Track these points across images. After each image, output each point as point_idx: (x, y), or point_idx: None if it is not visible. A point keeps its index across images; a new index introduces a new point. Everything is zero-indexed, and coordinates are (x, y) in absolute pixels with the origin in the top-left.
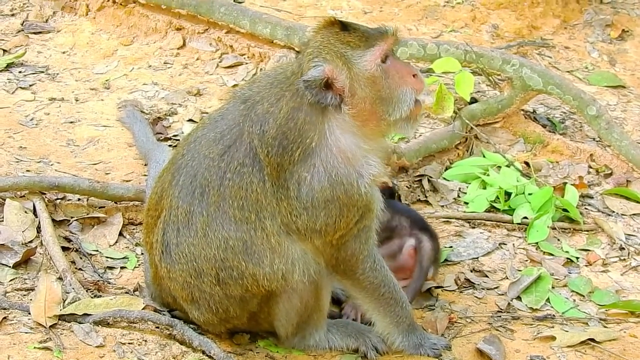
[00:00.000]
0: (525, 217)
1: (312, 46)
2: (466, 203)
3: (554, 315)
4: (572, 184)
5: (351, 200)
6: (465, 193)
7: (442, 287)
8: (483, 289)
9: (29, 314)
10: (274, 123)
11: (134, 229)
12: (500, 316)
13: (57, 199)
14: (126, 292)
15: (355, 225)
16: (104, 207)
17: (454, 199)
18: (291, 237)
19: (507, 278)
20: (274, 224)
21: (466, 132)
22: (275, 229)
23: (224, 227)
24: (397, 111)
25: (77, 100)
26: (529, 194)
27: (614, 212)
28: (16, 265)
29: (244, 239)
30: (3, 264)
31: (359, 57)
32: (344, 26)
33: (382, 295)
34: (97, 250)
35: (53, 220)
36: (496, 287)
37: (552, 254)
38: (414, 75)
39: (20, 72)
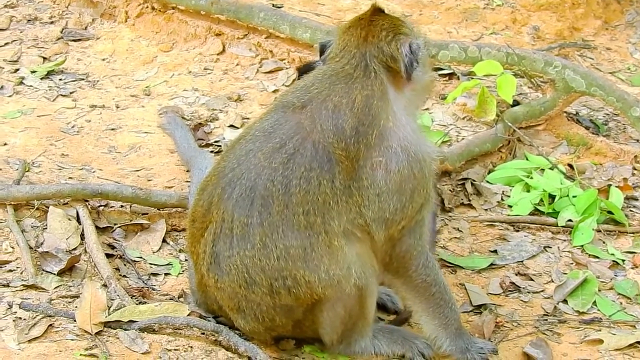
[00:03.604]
0: (570, 220)
1: (382, 29)
2: (510, 206)
3: (601, 319)
4: (616, 186)
5: (423, 179)
6: (509, 196)
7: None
8: (529, 292)
9: (75, 321)
10: (350, 113)
11: (177, 235)
12: (546, 320)
13: (100, 206)
14: (171, 299)
15: (416, 215)
16: (147, 213)
17: (498, 202)
18: (352, 237)
19: (553, 281)
20: (340, 224)
21: (509, 135)
22: (340, 230)
23: (285, 236)
24: (433, 81)
25: (117, 107)
26: (573, 197)
27: None
28: (61, 273)
29: (304, 246)
30: (48, 272)
31: (415, 29)
32: (383, 11)
33: (433, 295)
34: (141, 257)
35: (96, 227)
36: (542, 291)
37: (597, 257)
38: None
39: (60, 79)
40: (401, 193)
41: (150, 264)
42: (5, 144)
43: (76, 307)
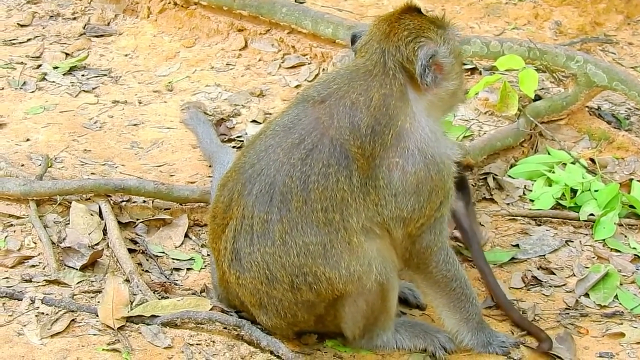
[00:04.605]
0: (592, 214)
1: (405, 29)
2: (532, 200)
3: (622, 312)
4: (638, 180)
5: (441, 182)
6: (531, 190)
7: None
8: (550, 286)
9: (97, 316)
10: (367, 112)
11: (199, 230)
12: (568, 313)
13: (123, 201)
14: (193, 294)
15: (434, 213)
16: (169, 208)
17: (520, 196)
18: (371, 234)
19: (575, 275)
20: (359, 221)
21: (531, 130)
22: (359, 227)
23: (304, 233)
24: (465, 87)
25: (140, 103)
26: (595, 191)
27: None
28: (83, 268)
29: (323, 243)
30: (70, 267)
31: (447, 35)
32: (420, 10)
33: (454, 290)
34: (163, 252)
35: (119, 222)
36: (564, 285)
37: (619, 251)
38: None
39: (83, 75)
40: (418, 194)
41: (173, 259)
42: (28, 140)
43: (98, 302)
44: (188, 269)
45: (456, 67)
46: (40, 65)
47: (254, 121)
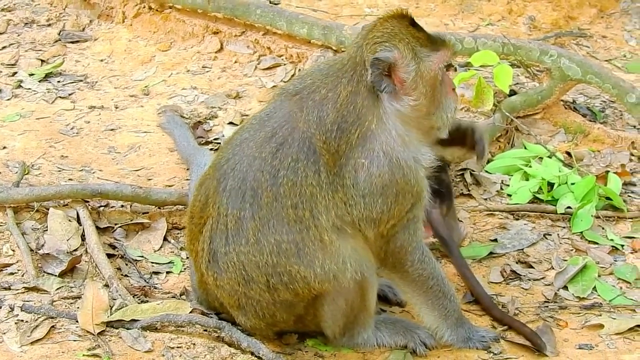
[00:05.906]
0: (569, 207)
1: (381, 31)
2: (509, 195)
3: (601, 304)
4: (614, 172)
5: (407, 185)
6: (508, 185)
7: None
8: (529, 280)
9: (77, 321)
10: (333, 107)
11: (178, 234)
12: (547, 306)
13: (101, 206)
14: (173, 297)
15: (406, 214)
16: (147, 212)
17: (497, 191)
18: (343, 233)
19: (553, 268)
20: (328, 218)
21: (507, 125)
22: (329, 225)
23: (276, 230)
24: (442, 117)
25: (116, 108)
26: (572, 184)
27: None
28: (62, 274)
29: (296, 241)
30: (49, 273)
31: (426, 56)
32: (413, 22)
33: (431, 288)
34: (142, 256)
35: (97, 227)
36: (542, 278)
37: (597, 243)
38: (453, 89)
39: (59, 81)
40: (385, 196)
41: (152, 262)
42: (4, 148)
43: (78, 307)
44: (167, 272)
45: (422, 88)
46: (15, 73)
47: (230, 123)
